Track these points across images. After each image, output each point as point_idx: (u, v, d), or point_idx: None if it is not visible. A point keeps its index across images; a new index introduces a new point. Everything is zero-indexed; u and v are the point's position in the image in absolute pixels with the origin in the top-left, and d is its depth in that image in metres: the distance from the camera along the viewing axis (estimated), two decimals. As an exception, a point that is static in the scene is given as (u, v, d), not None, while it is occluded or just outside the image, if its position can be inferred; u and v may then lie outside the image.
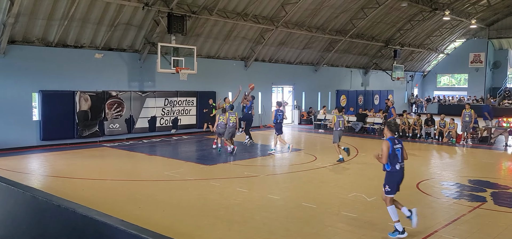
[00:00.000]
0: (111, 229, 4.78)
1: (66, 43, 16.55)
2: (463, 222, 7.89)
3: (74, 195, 9.03)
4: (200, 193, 9.74)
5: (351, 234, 7.17)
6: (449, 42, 37.94)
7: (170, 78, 19.21)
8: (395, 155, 6.98)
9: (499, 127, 18.74)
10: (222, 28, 20.52)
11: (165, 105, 19.68)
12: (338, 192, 9.91)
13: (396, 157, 7.01)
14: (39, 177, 11.49)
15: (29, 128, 15.88)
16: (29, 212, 6.25)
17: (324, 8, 22.89)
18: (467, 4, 29.61)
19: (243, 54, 23.27)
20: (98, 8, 15.96)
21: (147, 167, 13.10)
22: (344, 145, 14.40)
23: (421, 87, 41.48)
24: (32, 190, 6.71)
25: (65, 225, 5.55)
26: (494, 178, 11.89)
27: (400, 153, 7.05)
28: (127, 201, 9.01)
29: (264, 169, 13.03)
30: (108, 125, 17.70)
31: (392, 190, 7.07)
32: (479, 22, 33.66)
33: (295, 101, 27.34)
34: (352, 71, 32.09)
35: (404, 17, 28.21)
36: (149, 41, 18.34)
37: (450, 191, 10.29)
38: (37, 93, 16.06)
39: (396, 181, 7.09)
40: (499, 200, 9.44)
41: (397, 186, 7.12)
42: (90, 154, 14.97)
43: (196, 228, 7.42)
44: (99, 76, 17.48)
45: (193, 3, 18.12)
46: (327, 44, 26.91)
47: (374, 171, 12.46)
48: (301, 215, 8.16)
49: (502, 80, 38.58)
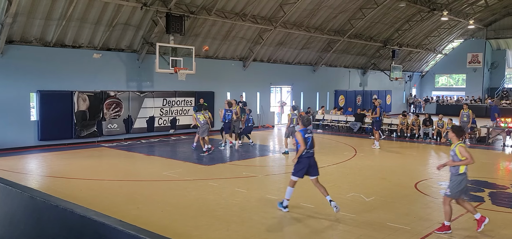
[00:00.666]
0: (109, 229, 4.77)
1: (64, 43, 16.53)
2: (461, 222, 7.90)
3: (72, 195, 9.02)
4: (198, 193, 9.73)
5: (349, 234, 7.17)
6: (447, 42, 38.01)
7: (168, 78, 19.19)
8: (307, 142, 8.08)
9: (497, 127, 18.78)
10: (221, 28, 20.51)
11: (164, 106, 19.66)
12: (336, 192, 9.90)
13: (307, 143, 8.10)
14: (37, 177, 11.47)
15: (27, 128, 15.85)
16: (27, 213, 6.23)
17: (323, 8, 22.91)
18: (465, 5, 29.67)
19: (242, 55, 23.27)
20: (96, 8, 15.93)
21: (146, 167, 13.08)
22: (341, 145, 14.41)
23: (419, 87, 41.55)
24: (30, 190, 6.70)
25: (63, 226, 5.53)
26: (492, 178, 11.92)
27: (310, 140, 8.16)
28: (125, 201, 9.01)
29: (262, 169, 13.03)
30: (106, 125, 17.67)
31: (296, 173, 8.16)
32: (477, 22, 33.72)
33: (294, 102, 27.34)
34: (350, 72, 32.12)
35: (402, 17, 28.25)
36: (147, 41, 18.32)
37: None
38: (35, 94, 16.04)
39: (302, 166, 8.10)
40: (497, 200, 9.46)
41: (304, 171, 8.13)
42: (88, 154, 14.95)
43: (194, 228, 7.41)
44: (97, 76, 17.46)
45: (192, 3, 18.11)
46: (325, 45, 26.92)
47: (372, 171, 12.49)
48: (300, 215, 8.16)
49: (500, 81, 38.67)
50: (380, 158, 14.90)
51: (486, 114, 31.26)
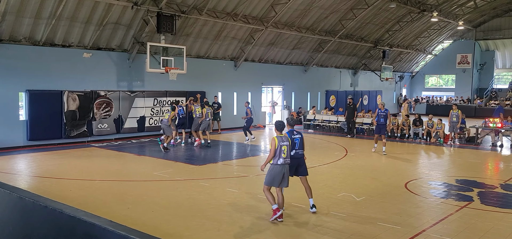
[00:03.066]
0: (99, 229, 4.74)
1: (54, 43, 16.37)
2: (450, 221, 7.97)
3: (62, 195, 8.94)
4: (189, 193, 9.70)
5: (340, 234, 7.20)
6: (437, 43, 38.37)
7: (159, 78, 19.11)
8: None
9: (486, 127, 18.99)
10: (212, 28, 20.47)
11: (155, 105, 19.57)
12: (327, 192, 9.95)
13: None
14: (26, 178, 11.35)
15: (15, 127, 15.67)
16: (16, 213, 6.17)
17: (314, 8, 22.98)
18: (454, 6, 29.98)
19: (233, 54, 23.26)
20: (87, 7, 15.81)
21: (136, 167, 13.01)
22: (333, 145, 14.40)
23: (409, 87, 41.87)
24: (18, 191, 6.63)
25: (52, 226, 5.49)
26: (480, 177, 12.04)
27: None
28: (115, 202, 8.95)
29: (253, 169, 13.03)
30: (96, 125, 17.55)
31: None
32: (466, 23, 34.09)
33: (285, 102, 27.40)
34: (341, 72, 32.27)
35: (392, 18, 28.45)
36: (138, 40, 18.22)
37: (438, 191, 10.40)
38: (24, 93, 15.87)
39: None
40: (486, 200, 9.56)
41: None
42: (78, 154, 14.83)
43: (185, 228, 7.39)
44: (88, 76, 17.33)
45: (183, 2, 18.05)
46: (316, 45, 27.01)
47: (363, 171, 12.56)
48: (291, 215, 8.17)
49: (489, 81, 39.11)
50: (370, 158, 14.98)
51: (475, 115, 31.65)
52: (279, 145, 7.60)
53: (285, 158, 7.66)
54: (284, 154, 7.63)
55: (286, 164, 7.72)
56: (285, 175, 7.71)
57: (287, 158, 7.70)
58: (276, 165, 7.65)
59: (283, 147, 7.63)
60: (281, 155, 7.61)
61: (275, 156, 7.61)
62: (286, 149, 7.65)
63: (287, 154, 7.68)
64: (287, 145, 7.71)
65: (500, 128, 18.46)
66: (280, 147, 7.61)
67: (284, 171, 7.68)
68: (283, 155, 7.64)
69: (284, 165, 7.69)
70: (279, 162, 7.62)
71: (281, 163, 7.63)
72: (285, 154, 7.65)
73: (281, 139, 7.68)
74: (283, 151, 7.62)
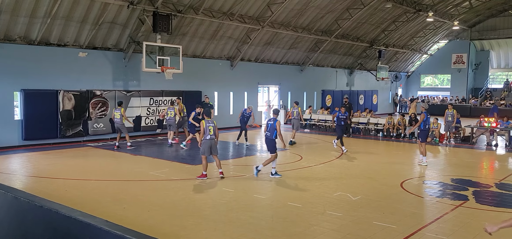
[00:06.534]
0: (95, 230, 4.73)
1: (49, 42, 16.30)
2: (446, 220, 8.01)
3: (57, 195, 8.91)
4: (185, 193, 9.70)
5: (336, 233, 7.21)
6: (433, 43, 38.50)
7: (155, 77, 19.07)
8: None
9: (481, 126, 19.08)
10: (208, 28, 20.45)
11: (150, 105, 19.53)
12: (323, 191, 9.96)
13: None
14: (21, 178, 11.29)
15: (10, 127, 15.59)
16: (11, 213, 6.14)
17: (310, 8, 23.00)
18: (450, 6, 30.09)
19: (229, 54, 23.24)
20: (82, 6, 15.75)
21: (132, 167, 12.96)
22: (329, 144, 14.41)
23: (405, 87, 41.99)
24: (13, 191, 6.60)
25: (48, 226, 5.46)
26: (475, 176, 12.10)
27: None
28: (111, 202, 8.92)
29: (250, 168, 13.01)
30: (92, 125, 17.49)
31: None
32: (462, 23, 34.23)
33: (281, 101, 27.41)
34: (337, 72, 32.32)
35: (388, 18, 28.53)
36: (134, 40, 18.17)
37: (433, 190, 10.44)
38: (19, 92, 15.79)
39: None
40: (481, 199, 9.61)
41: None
42: (73, 154, 14.78)
43: (181, 228, 7.38)
44: (83, 75, 17.26)
45: (179, 2, 18.01)
46: (312, 45, 27.04)
47: (359, 171, 12.59)
48: (287, 214, 8.19)
49: (484, 81, 39.29)
50: (366, 158, 15.01)
51: (470, 114, 31.79)
52: (207, 126, 10.63)
53: (211, 135, 10.67)
54: (210, 132, 10.63)
55: (212, 139, 10.70)
56: (212, 146, 10.71)
57: (213, 135, 10.71)
58: (205, 140, 10.63)
59: (210, 127, 10.66)
60: (208, 133, 10.62)
61: (205, 133, 10.60)
62: (212, 128, 10.67)
63: (213, 132, 10.70)
64: (213, 126, 10.73)
65: (495, 127, 18.57)
66: (207, 127, 10.63)
67: (211, 144, 10.67)
68: (210, 133, 10.63)
69: (211, 139, 10.69)
70: (207, 138, 10.63)
71: (208, 139, 10.64)
72: (212, 132, 10.66)
73: (208, 122, 10.72)
74: (209, 130, 10.64)
